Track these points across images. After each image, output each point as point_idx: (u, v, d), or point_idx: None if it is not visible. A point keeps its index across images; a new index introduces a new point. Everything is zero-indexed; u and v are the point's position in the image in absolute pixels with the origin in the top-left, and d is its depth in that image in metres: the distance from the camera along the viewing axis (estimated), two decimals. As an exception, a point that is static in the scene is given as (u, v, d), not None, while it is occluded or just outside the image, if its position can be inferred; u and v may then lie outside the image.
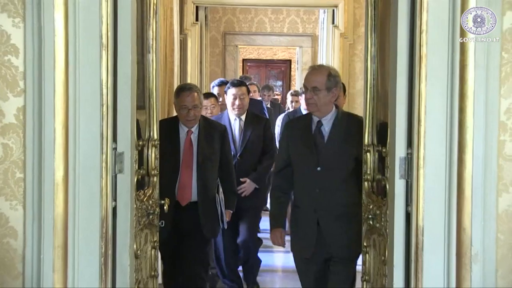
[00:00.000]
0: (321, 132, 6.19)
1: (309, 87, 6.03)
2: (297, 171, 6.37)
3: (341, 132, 6.21)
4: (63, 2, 4.86)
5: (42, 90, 4.95)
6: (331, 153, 6.15)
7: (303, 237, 6.25)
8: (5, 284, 5.05)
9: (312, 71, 6.33)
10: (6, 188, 5.03)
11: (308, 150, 6.19)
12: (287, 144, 6.45)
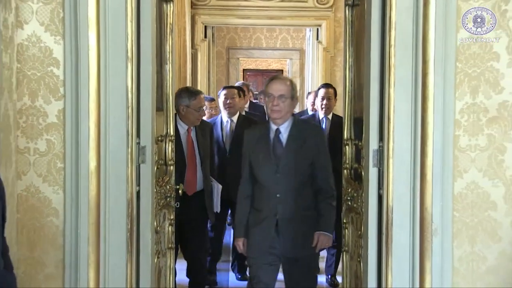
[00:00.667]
0: (279, 140, 5.71)
1: (276, 95, 5.58)
2: (257, 177, 5.82)
3: (298, 139, 5.74)
4: (95, 23, 4.94)
5: (78, 95, 5.03)
6: (289, 160, 5.68)
7: (262, 240, 5.74)
8: (49, 254, 5.14)
9: (277, 80, 5.88)
10: (49, 176, 5.13)
11: (268, 157, 5.70)
12: (248, 154, 5.88)
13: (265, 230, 5.70)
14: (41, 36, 5.09)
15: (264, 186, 5.72)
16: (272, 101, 5.55)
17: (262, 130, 5.87)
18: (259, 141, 5.78)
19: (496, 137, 5.28)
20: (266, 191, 5.70)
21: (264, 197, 5.73)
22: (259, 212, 5.79)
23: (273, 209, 5.64)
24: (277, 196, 5.60)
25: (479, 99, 5.27)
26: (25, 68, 5.08)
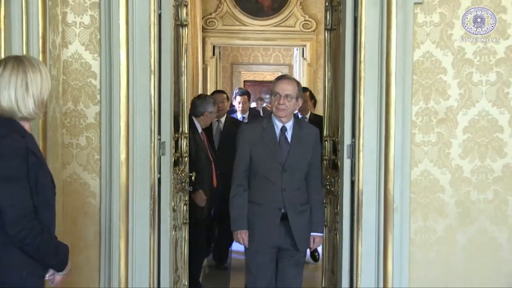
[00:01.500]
0: (285, 137, 5.12)
1: (283, 94, 5.02)
2: (261, 171, 5.12)
3: (300, 138, 5.18)
4: (125, 43, 5.02)
5: (112, 101, 5.08)
6: (294, 157, 5.10)
7: (266, 233, 5.07)
8: (88, 227, 5.21)
9: (284, 80, 5.26)
10: (88, 165, 5.18)
11: (274, 153, 5.07)
12: (248, 148, 5.16)
13: (270, 223, 5.07)
14: (82, 54, 5.14)
15: (268, 180, 5.08)
16: (278, 99, 5.03)
17: (265, 125, 5.19)
18: (263, 136, 5.13)
19: (444, 135, 5.34)
20: (270, 185, 5.08)
21: (268, 191, 5.10)
22: (261, 206, 5.13)
23: (278, 202, 5.05)
24: (282, 190, 5.04)
25: (431, 104, 5.33)
26: (69, 79, 5.13)
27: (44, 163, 3.50)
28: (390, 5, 5.15)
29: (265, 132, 5.11)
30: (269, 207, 5.07)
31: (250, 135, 5.19)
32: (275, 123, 5.16)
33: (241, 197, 5.13)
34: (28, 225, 3.23)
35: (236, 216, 5.14)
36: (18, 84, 3.29)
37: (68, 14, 5.08)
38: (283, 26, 12.85)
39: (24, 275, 3.32)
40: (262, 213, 5.08)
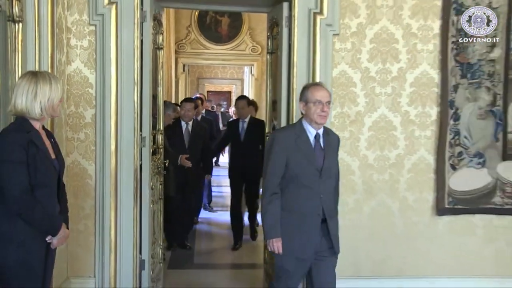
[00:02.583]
0: (320, 144, 4.09)
1: (324, 101, 4.02)
2: (298, 178, 4.02)
3: (329, 143, 4.17)
4: (115, 61, 5.04)
5: (104, 105, 5.09)
6: (328, 162, 4.08)
7: (306, 240, 4.01)
8: (86, 202, 5.19)
9: (321, 87, 4.18)
10: (86, 154, 5.17)
11: (311, 160, 4.02)
12: (285, 155, 4.02)
13: (311, 230, 4.03)
14: (81, 70, 5.13)
15: (306, 187, 4.02)
16: (320, 107, 3.99)
17: (297, 132, 4.11)
18: (299, 143, 4.05)
19: (354, 132, 5.44)
20: (308, 192, 4.02)
21: (307, 198, 4.03)
22: (299, 213, 4.05)
23: (317, 209, 4.02)
24: (321, 197, 4.02)
25: (345, 109, 5.41)
26: (71, 89, 5.12)
27: (46, 153, 3.47)
28: (315, 35, 5.24)
29: (299, 139, 4.06)
30: (308, 214, 4.03)
31: (285, 142, 4.06)
32: (308, 130, 4.10)
33: (275, 205, 4.04)
34: (24, 200, 3.24)
35: (271, 225, 4.04)
36: (29, 93, 3.29)
37: (71, 39, 5.09)
38: (236, 50, 12.91)
39: (26, 239, 3.29)
40: (301, 221, 4.03)
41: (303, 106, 4.07)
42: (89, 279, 5.24)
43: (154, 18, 5.49)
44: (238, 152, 7.62)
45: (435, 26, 5.43)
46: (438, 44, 5.44)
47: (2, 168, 3.19)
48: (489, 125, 5.52)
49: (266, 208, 4.06)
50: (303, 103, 4.09)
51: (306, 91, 4.12)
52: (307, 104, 4.04)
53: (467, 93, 5.47)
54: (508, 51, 5.44)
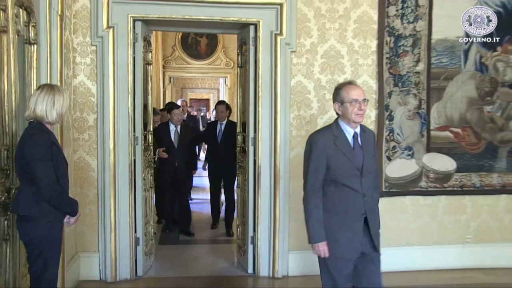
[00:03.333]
0: (358, 143, 3.49)
1: (361, 99, 3.43)
2: (339, 181, 3.43)
3: (366, 141, 3.56)
4: (112, 75, 5.07)
5: (104, 111, 5.12)
6: (368, 161, 3.49)
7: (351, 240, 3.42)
8: (90, 191, 5.22)
9: (355, 85, 3.54)
10: (90, 151, 5.19)
11: (351, 160, 3.42)
12: (325, 157, 3.44)
13: (355, 230, 3.44)
14: (85, 82, 5.15)
15: (349, 188, 3.42)
16: (358, 105, 3.39)
17: (335, 133, 3.50)
18: (338, 144, 3.45)
19: (309, 131, 5.22)
20: (351, 192, 3.43)
21: (350, 198, 3.44)
22: (343, 214, 3.45)
23: (360, 209, 3.43)
24: (363, 195, 3.43)
25: (301, 113, 5.43)
26: (77, 98, 5.14)
27: (61, 150, 3.58)
28: (276, 52, 5.28)
29: (338, 140, 3.46)
30: (352, 214, 3.44)
31: (324, 144, 3.46)
32: (345, 130, 3.49)
33: (320, 209, 3.45)
34: (53, 189, 3.32)
35: (316, 229, 3.45)
36: (48, 101, 3.38)
37: (76, 57, 5.13)
38: (213, 65, 12.91)
39: (51, 220, 3.39)
40: (345, 221, 3.44)
41: (339, 106, 3.47)
42: (94, 253, 5.27)
43: (144, 39, 5.52)
44: (215, 151, 7.39)
45: (372, 45, 5.46)
46: (375, 59, 5.47)
47: (35, 164, 3.26)
48: (416, 124, 5.57)
49: (311, 212, 3.46)
50: (339, 103, 3.48)
51: (341, 91, 3.49)
52: (343, 104, 3.44)
53: (399, 98, 5.52)
54: (429, 65, 5.53)
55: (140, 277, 5.44)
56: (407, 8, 5.44)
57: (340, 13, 5.42)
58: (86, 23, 5.11)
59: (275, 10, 5.30)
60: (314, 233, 3.46)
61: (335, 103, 3.51)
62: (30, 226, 3.36)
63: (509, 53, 5.64)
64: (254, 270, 5.58)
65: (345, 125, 3.49)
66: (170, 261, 6.07)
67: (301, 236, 5.19)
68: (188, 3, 5.15)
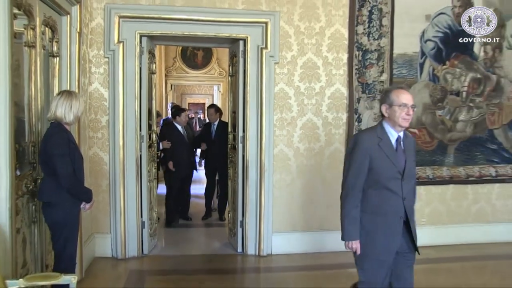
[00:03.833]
0: (401, 147, 3.13)
1: (410, 104, 3.04)
2: (381, 183, 3.06)
3: (408, 146, 3.18)
4: (122, 83, 5.11)
5: (115, 113, 5.16)
6: (409, 165, 3.13)
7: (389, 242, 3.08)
8: (103, 181, 5.24)
9: (407, 90, 3.14)
10: (103, 148, 5.22)
11: (393, 164, 3.06)
12: (368, 158, 3.06)
13: (393, 232, 3.09)
14: (99, 89, 5.18)
15: (389, 190, 3.06)
16: (406, 110, 3.02)
17: (379, 135, 3.12)
18: (382, 146, 3.08)
19: (290, 131, 5.48)
20: (391, 195, 3.07)
21: (390, 200, 3.08)
22: (382, 216, 3.09)
23: (400, 211, 3.09)
24: (403, 198, 3.08)
25: (283, 115, 5.46)
26: (92, 102, 5.17)
27: (77, 147, 3.62)
28: (262, 63, 5.32)
29: (381, 142, 3.10)
30: (391, 217, 3.10)
31: (369, 145, 3.09)
32: (390, 133, 3.12)
33: (357, 209, 3.09)
34: (71, 179, 3.36)
35: (350, 227, 3.10)
36: (66, 105, 3.40)
37: (92, 67, 5.16)
38: (208, 74, 12.82)
39: (69, 206, 3.43)
40: (384, 223, 3.10)
41: (386, 109, 3.10)
42: (107, 234, 5.32)
43: (149, 52, 5.55)
44: (211, 148, 7.26)
45: (344, 58, 5.49)
46: (346, 70, 5.50)
47: (55, 158, 3.31)
48: None
49: (348, 210, 3.08)
50: (387, 105, 3.10)
51: (390, 94, 3.11)
52: (392, 107, 3.08)
53: (366, 103, 5.55)
54: (391, 76, 5.60)
55: (145, 254, 5.48)
56: (372, 27, 5.52)
57: (316, 31, 5.47)
58: (100, 39, 5.15)
59: (261, 27, 5.33)
60: (348, 231, 3.10)
61: (383, 104, 3.12)
62: (52, 211, 3.40)
63: (456, 66, 5.78)
64: (243, 249, 5.61)
65: (389, 128, 3.13)
66: (171, 242, 6.10)
67: (283, 220, 5.36)
68: (187, 21, 5.21)
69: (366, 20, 5.50)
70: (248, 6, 5.31)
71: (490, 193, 6.12)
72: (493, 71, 5.89)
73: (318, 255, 5.49)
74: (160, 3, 5.19)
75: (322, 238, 5.59)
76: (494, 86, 5.90)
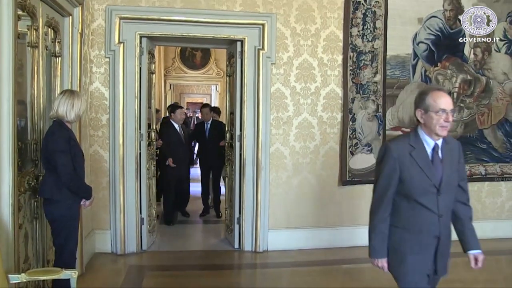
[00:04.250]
0: (438, 156, 2.65)
1: (449, 110, 2.57)
2: (413, 197, 2.63)
3: (449, 153, 2.69)
4: (122, 82, 5.10)
5: (115, 112, 5.15)
6: (448, 177, 2.64)
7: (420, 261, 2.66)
8: (103, 178, 5.23)
9: (444, 92, 2.64)
10: (103, 146, 5.21)
11: (427, 176, 2.61)
12: (398, 169, 2.64)
13: (425, 252, 2.66)
14: (100, 88, 5.18)
15: (423, 206, 2.62)
16: (444, 117, 2.55)
17: (412, 144, 2.65)
18: (415, 156, 2.62)
19: (286, 130, 5.49)
20: (425, 211, 2.62)
21: (423, 218, 2.63)
22: (414, 234, 2.65)
23: (434, 231, 2.64)
24: (439, 216, 2.62)
25: (279, 114, 5.46)
26: (93, 101, 5.16)
27: (78, 145, 3.60)
28: (259, 64, 5.33)
29: (414, 151, 2.63)
30: (425, 236, 2.65)
31: (399, 154, 2.64)
32: (425, 141, 2.64)
33: (385, 224, 2.69)
34: (70, 176, 3.35)
35: (377, 243, 2.71)
36: (68, 104, 3.40)
37: (93, 67, 5.16)
38: (206, 74, 12.77)
39: (70, 202, 3.42)
40: (416, 242, 2.65)
41: (422, 114, 2.62)
42: (107, 230, 5.30)
43: (149, 52, 5.55)
44: (204, 146, 7.25)
45: (339, 59, 5.50)
46: (341, 71, 5.51)
47: (56, 156, 3.31)
48: (374, 125, 5.63)
49: (376, 226, 2.70)
50: (422, 110, 2.62)
51: (426, 96, 2.61)
52: (428, 113, 2.59)
53: (360, 103, 5.55)
54: (385, 76, 5.61)
55: (144, 250, 5.48)
56: (366, 29, 5.54)
57: (312, 32, 5.48)
58: (101, 39, 5.15)
59: (258, 29, 5.34)
60: (374, 248, 2.73)
61: (418, 109, 2.64)
62: (53, 207, 3.40)
63: (447, 68, 5.80)
64: (240, 246, 5.61)
65: (425, 135, 2.65)
66: (169, 238, 6.10)
67: (279, 217, 5.36)
68: (186, 23, 5.23)
69: (360, 23, 5.51)
70: (245, 8, 5.32)
71: (480, 191, 6.14)
72: (483, 73, 5.92)
73: (313, 251, 5.49)
74: (159, 5, 5.20)
75: (317, 235, 5.62)
76: (484, 87, 5.94)
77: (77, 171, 3.44)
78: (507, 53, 5.94)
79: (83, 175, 3.58)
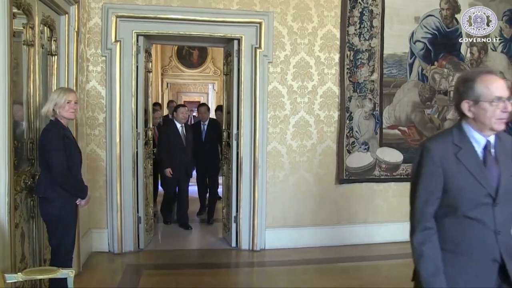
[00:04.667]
0: (492, 156, 2.01)
1: (505, 97, 1.96)
2: (460, 210, 1.98)
3: (505, 151, 2.06)
4: (118, 81, 5.09)
5: (111, 111, 5.13)
6: (507, 181, 1.98)
7: None
8: (100, 177, 5.22)
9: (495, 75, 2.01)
10: (100, 144, 5.17)
11: (479, 182, 1.97)
12: (442, 175, 1.99)
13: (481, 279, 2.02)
14: (96, 86, 5.16)
15: (473, 221, 2.00)
16: (502, 106, 1.97)
17: (457, 142, 2.05)
18: (462, 157, 2.01)
19: (283, 128, 5.48)
20: (477, 227, 2.00)
21: (475, 235, 2.01)
22: (464, 256, 2.03)
23: (491, 251, 2.02)
24: (496, 233, 2.01)
25: (276, 113, 5.45)
26: (89, 100, 5.14)
27: (75, 143, 3.58)
28: (255, 62, 5.32)
29: (461, 151, 2.04)
30: (478, 258, 2.04)
31: (442, 157, 2.04)
32: (473, 138, 2.07)
33: (432, 244, 2.05)
34: (64, 175, 3.35)
35: (432, 272, 2.03)
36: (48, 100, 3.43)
37: (89, 66, 5.14)
38: (203, 73, 12.77)
39: (65, 201, 3.40)
40: (467, 266, 2.04)
41: (470, 106, 2.05)
42: (104, 229, 5.29)
43: (146, 51, 5.54)
44: (201, 147, 6.91)
45: (336, 58, 5.50)
46: (338, 69, 5.51)
47: (50, 154, 3.31)
48: (371, 123, 5.64)
49: (421, 251, 2.06)
50: (470, 102, 2.04)
51: (474, 84, 2.03)
52: (478, 103, 2.02)
53: (357, 102, 5.56)
54: (382, 75, 5.62)
55: (142, 249, 5.47)
56: (363, 28, 5.55)
57: (309, 31, 5.48)
58: (98, 38, 5.13)
59: (255, 27, 5.34)
60: (428, 277, 2.04)
61: (464, 101, 2.06)
62: (47, 206, 3.39)
63: (443, 67, 5.81)
64: (237, 244, 5.61)
65: (473, 131, 2.08)
66: (166, 237, 6.11)
67: (276, 215, 5.36)
68: (183, 21, 5.22)
69: (357, 21, 5.52)
70: (242, 7, 5.31)
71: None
72: (479, 71, 5.92)
73: (310, 249, 5.50)
74: (156, 3, 5.19)
75: (314, 233, 5.63)
76: (480, 86, 5.92)
77: (72, 170, 3.42)
78: (503, 51, 5.94)
79: (79, 174, 3.56)
